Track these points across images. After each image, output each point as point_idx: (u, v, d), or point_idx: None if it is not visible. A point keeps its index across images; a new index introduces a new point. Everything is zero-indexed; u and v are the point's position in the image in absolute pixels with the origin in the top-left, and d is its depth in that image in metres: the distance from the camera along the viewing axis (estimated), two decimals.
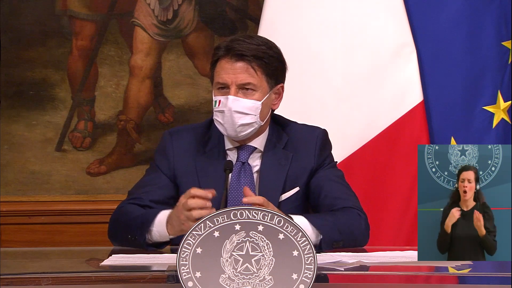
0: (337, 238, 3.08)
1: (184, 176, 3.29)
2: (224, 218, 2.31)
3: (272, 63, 3.26)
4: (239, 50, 3.22)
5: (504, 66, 4.23)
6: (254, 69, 3.23)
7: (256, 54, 3.23)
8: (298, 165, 3.30)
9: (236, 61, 3.23)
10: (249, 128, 3.24)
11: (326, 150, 3.36)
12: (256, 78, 3.23)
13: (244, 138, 3.27)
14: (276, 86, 3.29)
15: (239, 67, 3.23)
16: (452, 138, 4.22)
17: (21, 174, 4.84)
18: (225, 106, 3.22)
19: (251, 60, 3.22)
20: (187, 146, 3.33)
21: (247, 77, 3.22)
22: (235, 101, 3.21)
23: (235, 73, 3.22)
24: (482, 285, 2.60)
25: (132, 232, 3.13)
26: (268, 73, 3.25)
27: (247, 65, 3.22)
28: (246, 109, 3.22)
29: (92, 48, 4.83)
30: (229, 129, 3.23)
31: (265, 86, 3.26)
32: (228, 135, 3.27)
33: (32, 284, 2.53)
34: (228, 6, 4.83)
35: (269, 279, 2.30)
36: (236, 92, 3.22)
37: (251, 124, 3.24)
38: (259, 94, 3.24)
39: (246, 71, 3.22)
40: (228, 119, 3.22)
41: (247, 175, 3.28)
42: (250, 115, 3.23)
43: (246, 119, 3.23)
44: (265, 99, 3.25)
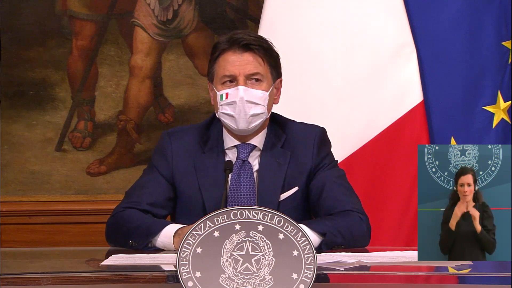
0: (338, 242, 3.08)
1: (183, 176, 3.29)
2: (224, 218, 2.31)
3: (274, 56, 3.28)
4: (245, 40, 3.22)
5: (504, 66, 4.23)
6: (262, 58, 3.23)
7: (261, 45, 3.24)
8: (296, 165, 3.29)
9: (242, 52, 3.23)
10: (259, 119, 3.24)
11: (324, 148, 3.35)
12: (263, 68, 3.24)
13: (252, 131, 3.26)
14: (277, 79, 3.30)
15: (247, 58, 3.22)
16: (452, 138, 4.22)
17: (21, 174, 4.84)
18: (236, 97, 3.20)
19: (258, 49, 3.22)
20: (186, 146, 3.32)
21: (256, 67, 3.22)
22: (247, 91, 3.20)
23: (242, 64, 3.21)
24: (482, 285, 2.60)
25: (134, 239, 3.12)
26: (272, 64, 3.26)
27: (255, 55, 3.23)
28: (257, 99, 3.22)
29: (92, 48, 4.83)
30: (241, 121, 3.21)
31: (270, 78, 3.27)
32: (237, 129, 3.23)
33: (32, 284, 2.53)
34: (228, 6, 4.83)
35: (269, 279, 2.30)
36: (245, 83, 3.21)
37: (260, 115, 3.23)
38: (266, 85, 3.25)
39: (254, 61, 3.22)
40: (240, 110, 3.20)
41: (247, 173, 3.27)
42: (260, 105, 3.23)
43: (257, 109, 3.22)
44: (270, 91, 3.26)
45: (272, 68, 3.26)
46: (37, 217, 4.81)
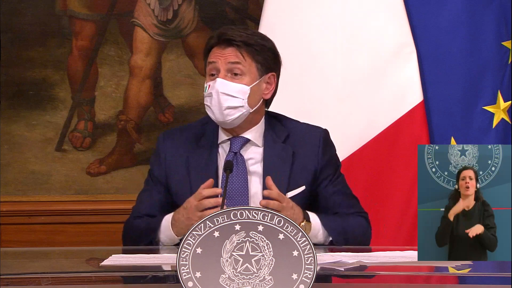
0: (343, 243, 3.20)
1: (175, 174, 3.35)
2: (224, 218, 2.31)
3: (264, 51, 3.32)
4: (229, 35, 3.30)
5: (504, 66, 4.23)
6: (242, 54, 3.29)
7: (246, 41, 3.30)
8: (301, 164, 3.33)
9: (226, 47, 3.30)
10: (236, 112, 3.27)
11: (329, 150, 3.39)
12: (244, 63, 3.29)
13: (233, 124, 3.30)
14: (267, 74, 3.31)
15: (228, 52, 3.29)
16: (452, 138, 4.22)
17: (21, 174, 4.84)
18: (212, 89, 3.28)
19: (240, 45, 3.29)
20: (179, 144, 3.38)
21: (235, 61, 3.29)
22: (222, 83, 3.27)
23: (224, 56, 3.28)
24: (482, 285, 2.60)
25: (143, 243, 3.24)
26: (258, 60, 3.31)
27: (235, 50, 3.29)
28: (234, 92, 3.27)
29: (92, 48, 4.83)
30: (216, 112, 3.27)
31: (254, 72, 3.31)
32: (216, 120, 3.30)
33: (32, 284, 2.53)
34: (228, 6, 4.83)
35: (269, 279, 2.30)
36: (225, 76, 3.28)
37: (238, 108, 3.27)
38: (248, 79, 3.30)
39: (235, 56, 3.29)
40: (215, 102, 3.27)
41: (240, 165, 3.30)
42: (237, 99, 3.27)
43: (233, 102, 3.27)
44: (254, 85, 3.29)
45: (258, 63, 3.30)
46: (37, 217, 4.80)
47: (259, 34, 3.38)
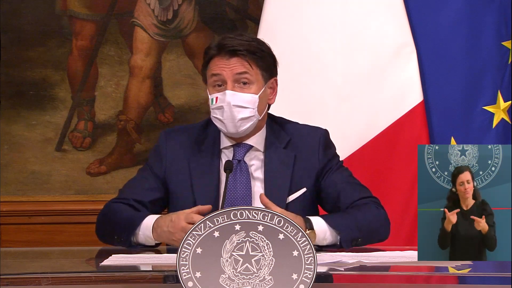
0: (356, 236, 3.12)
1: (176, 175, 3.31)
2: (224, 218, 2.31)
3: (265, 57, 3.28)
4: (232, 46, 3.23)
5: (504, 66, 4.23)
6: (248, 63, 3.24)
7: (249, 49, 3.25)
8: (302, 166, 3.31)
9: (230, 57, 3.24)
10: (248, 122, 3.24)
11: (330, 150, 3.37)
12: (251, 72, 3.24)
13: (244, 134, 3.27)
14: (270, 79, 3.30)
15: (234, 62, 3.24)
16: (452, 138, 4.22)
17: (21, 174, 4.84)
18: (223, 102, 3.22)
19: (245, 54, 3.24)
20: (182, 145, 3.34)
21: (243, 71, 3.23)
22: (233, 95, 3.22)
23: (230, 67, 3.23)
24: (482, 285, 2.60)
25: (118, 233, 3.16)
26: (262, 66, 3.27)
27: (242, 60, 3.24)
28: (245, 103, 3.23)
29: (92, 48, 4.83)
30: (229, 125, 3.23)
31: (261, 80, 3.27)
32: (227, 132, 3.26)
33: (32, 284, 2.53)
34: (228, 6, 4.83)
35: (269, 279, 2.30)
36: (233, 86, 3.23)
37: (250, 118, 3.24)
38: (256, 87, 3.26)
39: (241, 66, 3.24)
40: (228, 114, 3.22)
41: (243, 173, 3.28)
42: (249, 109, 3.23)
43: (246, 112, 3.23)
44: (261, 93, 3.26)
45: (263, 70, 3.27)
46: (37, 217, 4.81)
47: (256, 39, 3.32)
